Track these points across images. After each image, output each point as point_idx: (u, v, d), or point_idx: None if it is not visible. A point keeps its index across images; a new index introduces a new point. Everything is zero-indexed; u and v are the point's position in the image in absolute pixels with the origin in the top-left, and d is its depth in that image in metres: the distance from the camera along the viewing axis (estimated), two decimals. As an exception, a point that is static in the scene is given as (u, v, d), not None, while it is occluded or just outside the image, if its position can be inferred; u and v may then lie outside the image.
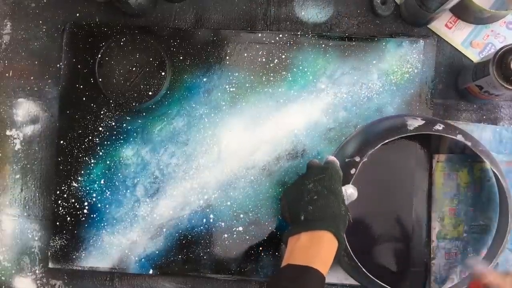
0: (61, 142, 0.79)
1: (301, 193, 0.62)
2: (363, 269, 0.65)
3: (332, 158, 0.66)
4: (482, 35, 0.78)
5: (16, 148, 0.81)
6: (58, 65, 0.81)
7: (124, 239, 0.78)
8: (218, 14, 0.81)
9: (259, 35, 0.79)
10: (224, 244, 0.77)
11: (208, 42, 0.79)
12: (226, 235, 0.77)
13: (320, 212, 0.60)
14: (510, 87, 0.66)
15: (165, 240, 0.78)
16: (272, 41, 0.78)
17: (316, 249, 0.58)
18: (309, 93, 0.78)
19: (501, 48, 0.66)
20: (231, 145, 0.78)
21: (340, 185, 0.63)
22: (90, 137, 0.79)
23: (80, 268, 0.79)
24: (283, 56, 0.78)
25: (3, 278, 0.80)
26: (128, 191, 0.79)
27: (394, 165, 0.76)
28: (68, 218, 0.79)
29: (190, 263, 0.78)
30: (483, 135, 0.76)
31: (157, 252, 0.78)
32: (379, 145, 0.65)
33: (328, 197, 0.61)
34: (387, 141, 0.66)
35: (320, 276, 0.56)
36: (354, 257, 0.66)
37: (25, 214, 0.81)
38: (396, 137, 0.67)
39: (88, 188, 0.79)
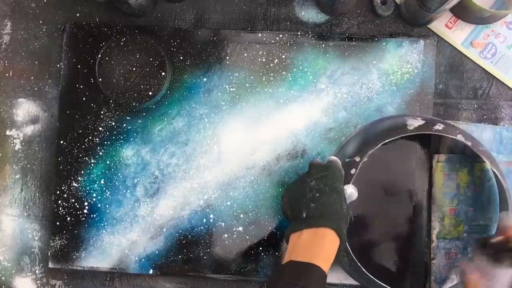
0: (61, 142, 0.80)
1: (303, 191, 0.62)
2: (363, 269, 0.65)
3: (334, 158, 0.66)
4: (482, 35, 0.78)
5: (16, 148, 0.81)
6: (58, 65, 0.81)
7: (124, 239, 0.78)
8: (218, 14, 0.81)
9: (259, 35, 0.79)
10: (224, 244, 0.77)
11: (208, 42, 0.79)
12: (226, 235, 0.77)
13: (322, 209, 0.60)
14: None
15: (165, 240, 0.78)
16: (272, 41, 0.78)
17: (318, 246, 0.58)
18: (309, 93, 0.78)
19: None
20: (231, 145, 0.78)
21: (342, 183, 0.63)
22: (90, 137, 0.79)
23: (80, 268, 0.79)
24: (283, 56, 0.78)
25: (3, 278, 0.81)
26: (128, 191, 0.79)
27: (394, 165, 0.76)
28: (68, 218, 0.79)
29: (190, 263, 0.78)
30: (483, 135, 0.76)
31: (157, 252, 0.78)
32: (379, 145, 0.65)
33: (330, 194, 0.61)
34: (387, 141, 0.66)
35: (322, 273, 0.56)
36: (354, 257, 0.66)
37: (25, 214, 0.81)
38: (396, 137, 0.67)
39: (88, 188, 0.79)
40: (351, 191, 0.64)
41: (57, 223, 0.79)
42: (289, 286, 0.54)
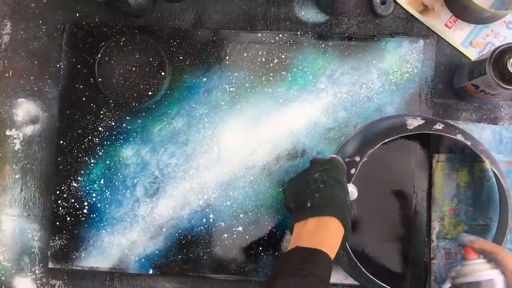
0: (61, 142, 0.80)
1: (307, 182, 0.62)
2: (363, 269, 0.65)
3: (335, 156, 0.66)
4: (482, 34, 0.78)
5: (16, 148, 0.81)
6: (58, 65, 0.81)
7: (124, 239, 0.78)
8: (218, 14, 0.81)
9: (259, 35, 0.79)
10: (224, 244, 0.77)
11: (208, 42, 0.79)
12: (226, 235, 0.77)
13: (327, 199, 0.60)
14: (506, 87, 0.66)
15: (165, 240, 0.78)
16: (272, 41, 0.78)
17: (323, 234, 0.58)
18: (309, 93, 0.78)
19: (498, 47, 0.66)
20: (231, 145, 0.78)
21: (345, 176, 0.63)
22: (90, 137, 0.79)
23: (80, 268, 0.79)
24: (283, 56, 0.78)
25: (3, 278, 0.81)
26: (128, 191, 0.79)
27: (394, 165, 0.76)
28: (68, 218, 0.79)
29: (190, 263, 0.78)
30: (483, 134, 0.76)
31: (157, 252, 0.78)
32: (379, 145, 0.65)
33: (334, 185, 0.61)
34: (387, 140, 0.66)
35: (329, 259, 0.56)
36: (354, 257, 0.66)
37: (25, 214, 0.81)
38: (396, 137, 0.67)
39: (88, 188, 0.79)
40: (351, 190, 0.64)
41: (57, 223, 0.79)
42: (295, 270, 0.54)
